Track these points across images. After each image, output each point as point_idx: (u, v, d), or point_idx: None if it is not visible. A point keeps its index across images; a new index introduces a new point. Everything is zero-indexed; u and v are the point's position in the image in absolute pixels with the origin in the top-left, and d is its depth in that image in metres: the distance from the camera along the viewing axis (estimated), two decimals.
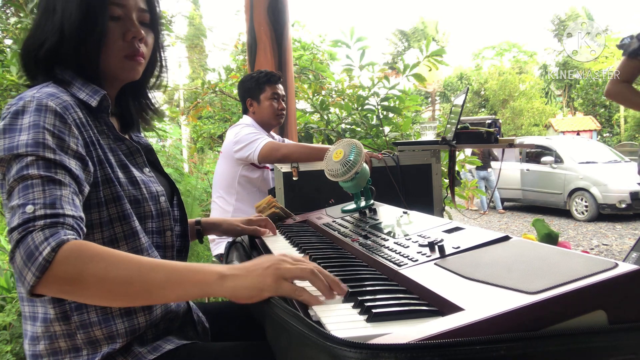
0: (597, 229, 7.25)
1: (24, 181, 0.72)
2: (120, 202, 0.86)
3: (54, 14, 0.88)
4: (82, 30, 0.87)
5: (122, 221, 0.86)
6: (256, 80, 2.31)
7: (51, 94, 0.82)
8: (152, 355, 0.85)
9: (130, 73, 0.94)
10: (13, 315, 2.25)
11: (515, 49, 29.95)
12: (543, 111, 22.12)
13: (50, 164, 0.74)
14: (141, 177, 0.93)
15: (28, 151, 0.74)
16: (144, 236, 0.90)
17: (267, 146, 2.08)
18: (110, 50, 0.90)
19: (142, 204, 0.91)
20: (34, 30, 0.91)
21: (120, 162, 0.91)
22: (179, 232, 1.03)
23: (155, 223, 0.94)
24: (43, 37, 0.88)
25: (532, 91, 23.26)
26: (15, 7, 3.14)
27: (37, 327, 0.83)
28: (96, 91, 0.90)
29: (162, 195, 0.96)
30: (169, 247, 0.97)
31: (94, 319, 0.83)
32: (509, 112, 21.94)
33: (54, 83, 0.87)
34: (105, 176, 0.85)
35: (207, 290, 0.69)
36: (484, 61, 30.61)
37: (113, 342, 0.83)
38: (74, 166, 0.77)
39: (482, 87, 24.26)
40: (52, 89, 0.84)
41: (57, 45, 0.88)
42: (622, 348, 0.54)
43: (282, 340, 0.66)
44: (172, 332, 0.93)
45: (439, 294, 0.65)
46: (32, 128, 0.76)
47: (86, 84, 0.90)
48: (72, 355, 0.83)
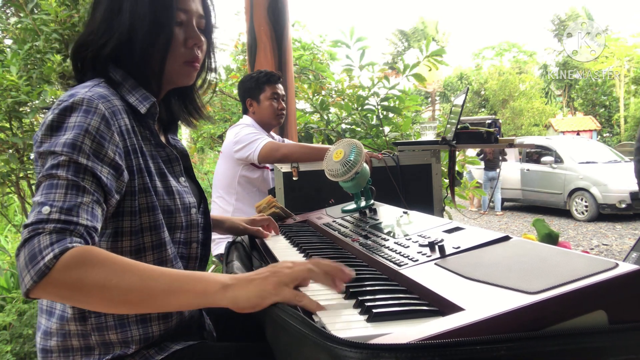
0: (597, 229, 7.25)
1: (51, 179, 0.72)
2: (154, 212, 0.86)
3: (119, 14, 0.88)
4: (152, 33, 0.87)
5: (153, 231, 0.86)
6: (256, 80, 2.31)
7: (103, 96, 0.81)
8: (159, 355, 0.86)
9: (187, 79, 0.95)
10: (13, 315, 2.25)
11: (515, 49, 29.96)
12: (543, 111, 22.13)
13: (80, 169, 0.73)
14: (177, 187, 0.93)
15: (63, 151, 0.73)
16: (171, 247, 0.89)
17: (267, 146, 2.08)
18: (173, 55, 0.91)
19: (175, 214, 0.90)
20: (95, 27, 0.89)
21: (159, 170, 0.90)
22: (202, 241, 1.01)
23: (184, 234, 0.93)
24: (108, 35, 0.88)
25: (532, 91, 23.27)
26: (15, 7, 3.13)
27: (53, 322, 0.83)
28: (146, 97, 0.89)
29: (193, 207, 0.95)
30: (192, 258, 0.96)
31: (110, 322, 0.82)
32: (509, 112, 21.95)
33: (105, 82, 0.86)
34: (143, 185, 0.85)
35: (208, 300, 0.69)
36: (484, 61, 30.61)
37: (127, 347, 0.84)
38: (105, 174, 0.76)
39: (482, 87, 24.26)
40: (103, 89, 0.83)
41: (124, 45, 0.87)
42: (622, 348, 0.54)
43: (283, 341, 0.66)
44: (180, 334, 0.93)
45: (439, 294, 0.65)
46: (75, 128, 0.76)
47: (136, 87, 0.89)
48: (84, 354, 0.83)
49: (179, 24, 0.91)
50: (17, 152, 2.67)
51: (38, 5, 2.78)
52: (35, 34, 2.73)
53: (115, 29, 0.88)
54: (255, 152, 2.08)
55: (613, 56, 19.14)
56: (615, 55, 19.17)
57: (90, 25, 0.91)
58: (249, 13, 3.09)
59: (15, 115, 2.57)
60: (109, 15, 0.88)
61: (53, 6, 2.60)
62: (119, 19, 0.88)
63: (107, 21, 0.88)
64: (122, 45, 0.87)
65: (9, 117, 2.56)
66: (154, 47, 0.88)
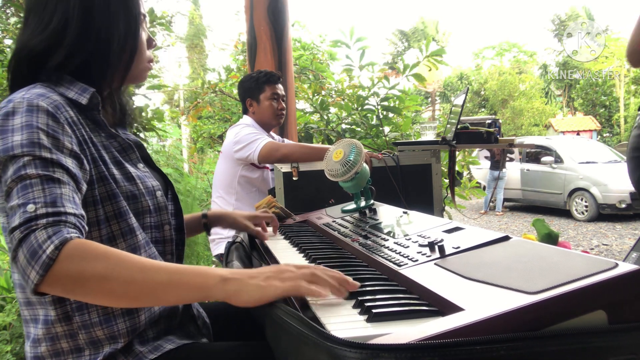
0: (597, 229, 7.25)
1: (23, 181, 0.71)
2: (115, 200, 0.86)
3: (93, 21, 0.88)
4: (125, 40, 0.91)
5: (119, 218, 0.86)
6: (256, 80, 2.31)
7: (41, 94, 0.81)
8: (153, 354, 0.85)
9: (144, 79, 1.01)
10: (13, 315, 2.25)
11: (516, 49, 29.96)
12: (543, 111, 22.12)
13: (47, 163, 0.73)
14: (136, 172, 0.93)
15: (24, 151, 0.73)
16: (141, 233, 0.89)
17: (267, 146, 2.08)
18: (140, 57, 0.96)
19: (140, 199, 0.90)
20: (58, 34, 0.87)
21: (114, 159, 0.90)
22: (175, 226, 1.02)
23: (154, 218, 0.94)
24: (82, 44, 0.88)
25: (532, 91, 23.26)
26: (15, 7, 3.13)
27: (39, 329, 0.83)
28: (85, 89, 0.89)
29: (158, 190, 0.95)
30: (167, 241, 0.97)
31: (95, 319, 0.82)
32: (509, 112, 21.94)
33: (40, 84, 0.86)
34: (99, 174, 0.85)
35: (208, 293, 0.69)
36: (484, 61, 30.61)
37: (115, 342, 0.83)
38: (70, 164, 0.77)
39: (482, 87, 24.26)
40: (40, 89, 0.83)
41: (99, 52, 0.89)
42: (622, 348, 0.54)
43: (282, 340, 0.66)
44: (173, 330, 0.93)
45: (439, 294, 0.65)
46: (25, 128, 0.75)
47: (73, 82, 0.89)
48: (75, 356, 0.83)
49: (142, 27, 0.95)
50: None
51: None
52: None
53: (90, 38, 0.88)
54: (255, 152, 2.08)
55: (613, 56, 19.14)
56: (615, 55, 19.17)
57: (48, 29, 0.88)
58: (249, 13, 3.09)
59: None
60: (82, 23, 0.88)
61: None
62: (94, 27, 0.88)
63: (81, 29, 0.88)
64: (97, 54, 0.89)
65: None
66: (126, 52, 0.92)
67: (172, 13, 7.50)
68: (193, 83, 10.84)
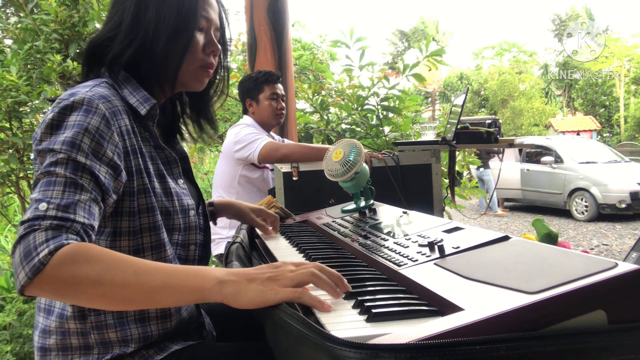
0: (597, 229, 7.25)
1: (49, 176, 0.72)
2: (153, 213, 0.86)
3: (145, 14, 0.88)
4: (175, 36, 0.89)
5: (152, 232, 0.86)
6: (255, 80, 2.31)
7: (104, 96, 0.81)
8: (158, 355, 0.85)
9: (199, 83, 0.98)
10: (13, 315, 2.25)
11: (515, 49, 29.96)
12: (543, 111, 22.13)
13: (78, 167, 0.73)
14: (175, 188, 0.93)
15: (62, 149, 0.73)
16: (170, 248, 0.89)
17: (267, 146, 2.08)
18: (191, 58, 0.93)
19: (172, 216, 0.90)
20: (117, 26, 0.90)
21: (158, 172, 0.90)
22: (201, 242, 1.01)
23: (182, 236, 0.93)
24: (133, 36, 0.88)
25: (532, 91, 23.27)
26: (15, 7, 3.14)
27: (51, 321, 0.83)
28: (147, 99, 0.89)
29: (192, 209, 0.95)
30: (190, 260, 0.96)
31: (109, 321, 0.82)
32: (509, 112, 21.94)
33: (106, 83, 0.87)
34: (142, 186, 0.85)
35: (204, 296, 0.68)
36: (483, 61, 30.61)
37: (126, 346, 0.83)
38: (103, 174, 0.76)
39: (482, 87, 24.26)
40: (104, 89, 0.83)
41: (147, 47, 0.89)
42: (621, 348, 0.54)
43: (282, 341, 0.66)
44: (179, 334, 0.93)
45: (439, 294, 0.65)
46: (75, 127, 0.76)
47: (138, 89, 0.90)
48: (82, 353, 0.83)
49: (200, 29, 0.93)
50: (17, 152, 2.67)
51: (38, 5, 2.78)
52: (35, 34, 2.73)
53: (141, 30, 0.88)
54: (255, 152, 2.08)
55: (613, 56, 19.15)
56: (615, 55, 19.18)
57: (110, 23, 0.91)
58: (249, 13, 3.09)
59: (15, 115, 2.57)
60: (135, 16, 0.89)
61: (53, 6, 2.61)
62: (144, 20, 0.88)
63: (133, 21, 0.89)
64: (145, 47, 0.89)
65: (9, 117, 2.56)
66: (174, 49, 0.90)
67: None
68: None
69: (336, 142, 1.38)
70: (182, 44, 0.90)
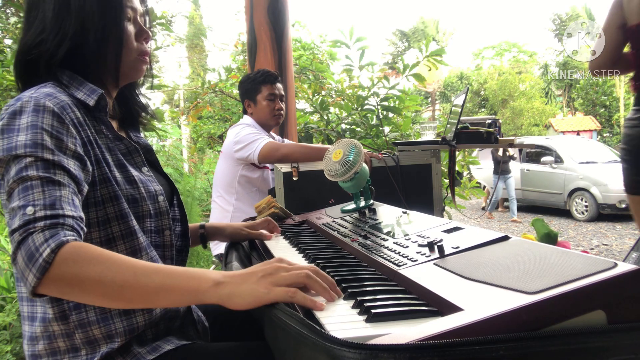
0: (597, 229, 7.25)
1: (24, 182, 0.72)
2: (117, 202, 0.86)
3: (68, 13, 0.88)
4: (105, 30, 0.90)
5: (120, 220, 0.86)
6: (252, 81, 2.31)
7: (49, 94, 0.82)
8: (151, 355, 0.85)
9: (139, 72, 0.99)
10: (13, 315, 2.25)
11: (515, 48, 29.95)
12: (543, 111, 22.12)
13: (49, 165, 0.74)
14: (139, 176, 0.93)
15: (27, 152, 0.74)
16: (142, 235, 0.90)
17: (267, 146, 2.08)
18: (127, 49, 0.94)
19: (140, 203, 0.91)
20: (42, 28, 0.89)
21: (117, 162, 0.91)
22: (179, 232, 1.03)
23: (154, 222, 0.94)
24: (61, 36, 0.88)
25: (532, 91, 23.26)
26: (15, 7, 3.13)
27: (36, 327, 0.83)
28: (93, 90, 0.90)
29: (160, 195, 0.96)
30: (167, 246, 0.97)
31: (92, 318, 0.83)
32: (509, 112, 21.94)
33: (52, 84, 0.87)
34: (102, 175, 0.85)
35: (201, 297, 0.69)
36: (483, 61, 30.61)
37: (112, 342, 0.83)
38: (72, 166, 0.77)
39: (482, 87, 24.26)
40: (50, 89, 0.84)
41: (79, 45, 0.89)
42: (621, 348, 0.54)
43: (281, 341, 0.66)
44: (172, 332, 0.93)
45: (439, 294, 0.65)
46: (30, 129, 0.76)
47: (83, 83, 0.90)
48: (71, 355, 0.83)
49: (128, 19, 0.95)
50: None
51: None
52: None
53: (68, 29, 0.88)
54: (255, 152, 2.08)
55: None
56: None
57: (35, 26, 0.90)
58: (249, 13, 3.09)
59: None
60: (57, 15, 0.89)
61: None
62: (69, 19, 0.88)
63: (56, 21, 0.89)
64: (77, 45, 0.89)
65: None
66: (108, 43, 0.91)
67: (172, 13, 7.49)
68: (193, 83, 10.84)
69: (336, 142, 1.38)
70: (116, 38, 0.92)
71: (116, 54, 0.92)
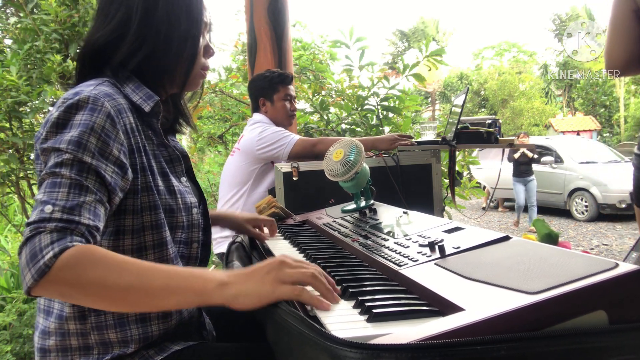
0: (597, 229, 7.25)
1: (54, 177, 0.72)
2: (156, 211, 0.86)
3: (153, 19, 0.88)
4: (186, 44, 0.91)
5: (154, 230, 0.86)
6: (269, 80, 2.30)
7: (108, 94, 0.81)
8: (159, 356, 0.85)
9: (197, 85, 1.00)
10: (13, 315, 2.25)
11: (515, 48, 29.95)
12: (543, 111, 22.12)
13: (84, 168, 0.73)
14: (179, 186, 0.93)
15: (68, 149, 0.73)
16: (172, 246, 0.89)
17: (301, 143, 2.09)
18: (197, 63, 0.95)
19: (176, 214, 0.90)
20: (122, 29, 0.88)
21: (161, 170, 0.90)
22: (202, 241, 1.02)
23: (185, 234, 0.93)
24: (141, 42, 0.88)
25: (532, 91, 23.26)
26: (15, 7, 3.14)
27: (51, 322, 0.83)
28: (150, 96, 0.89)
29: (194, 207, 0.95)
30: (192, 258, 0.96)
31: (110, 321, 0.82)
32: (509, 112, 21.94)
33: (109, 81, 0.86)
34: (146, 184, 0.85)
35: (206, 299, 0.68)
36: (483, 61, 30.60)
37: (126, 347, 0.83)
38: (110, 173, 0.76)
39: (482, 87, 24.25)
40: (108, 88, 0.83)
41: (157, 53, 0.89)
42: (622, 348, 0.54)
43: (283, 341, 0.66)
44: (180, 335, 0.93)
45: (439, 294, 0.65)
46: (81, 126, 0.75)
47: (140, 86, 0.89)
48: (82, 353, 0.83)
49: (202, 34, 0.95)
50: (17, 152, 2.67)
51: (38, 5, 2.78)
52: (35, 34, 2.73)
53: (151, 33, 0.88)
54: (287, 149, 2.09)
55: None
56: None
57: (115, 22, 0.88)
58: (249, 13, 3.09)
59: (15, 115, 2.57)
60: (143, 16, 0.88)
61: (53, 6, 2.60)
62: (154, 23, 0.88)
63: (142, 22, 0.88)
64: (156, 51, 0.89)
65: (9, 117, 2.56)
66: (185, 54, 0.91)
67: None
68: None
69: (336, 142, 1.38)
70: (192, 49, 0.92)
71: (188, 67, 0.93)
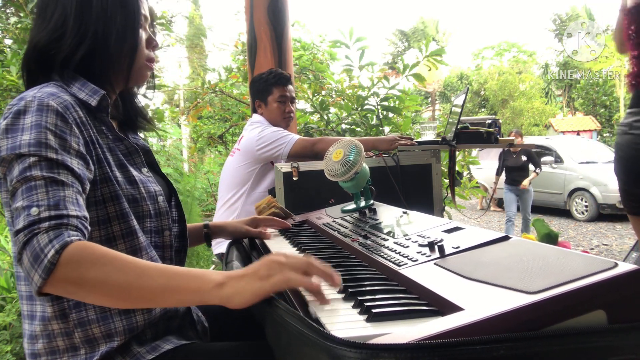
0: (597, 229, 7.25)
1: (28, 182, 0.72)
2: (118, 201, 0.86)
3: (89, 14, 0.89)
4: (125, 35, 0.92)
5: (120, 220, 0.86)
6: (264, 82, 2.29)
7: (52, 94, 0.82)
8: (150, 355, 0.85)
9: (144, 78, 1.01)
10: (13, 315, 2.26)
11: (515, 48, 29.94)
12: (543, 111, 22.11)
13: (52, 164, 0.75)
14: (139, 176, 0.94)
15: (30, 151, 0.74)
16: (142, 235, 0.90)
17: (300, 143, 2.08)
18: (138, 56, 0.96)
19: (140, 203, 0.91)
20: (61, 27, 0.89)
21: (118, 162, 0.92)
22: (177, 233, 1.04)
23: (154, 223, 0.94)
24: (80, 38, 0.89)
25: (532, 91, 23.25)
26: (15, 7, 3.14)
27: (36, 325, 0.84)
28: (95, 91, 0.91)
29: (160, 195, 0.96)
30: (167, 246, 0.97)
31: (92, 316, 0.83)
32: (509, 112, 21.93)
33: (54, 83, 0.88)
34: (103, 175, 0.86)
35: (202, 298, 0.70)
36: (483, 61, 30.60)
37: (111, 341, 0.84)
38: (76, 165, 0.78)
39: (482, 87, 24.25)
40: (52, 88, 0.85)
41: (97, 48, 0.90)
42: (622, 348, 0.54)
43: (282, 340, 0.66)
44: (171, 331, 0.93)
45: (439, 294, 0.65)
46: (34, 128, 0.77)
47: (85, 84, 0.91)
48: (70, 355, 0.83)
49: (141, 26, 0.96)
50: None
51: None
52: None
53: (89, 29, 0.89)
54: (286, 148, 2.08)
55: (613, 56, 19.12)
56: (615, 55, 19.14)
57: (53, 22, 0.90)
58: (249, 13, 3.09)
59: None
60: (79, 14, 0.89)
61: None
62: (90, 19, 0.89)
63: (78, 19, 0.89)
64: (96, 46, 0.90)
65: None
66: (125, 47, 0.93)
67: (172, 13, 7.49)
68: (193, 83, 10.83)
69: (336, 142, 1.38)
70: (132, 42, 0.93)
71: (130, 58, 0.94)
